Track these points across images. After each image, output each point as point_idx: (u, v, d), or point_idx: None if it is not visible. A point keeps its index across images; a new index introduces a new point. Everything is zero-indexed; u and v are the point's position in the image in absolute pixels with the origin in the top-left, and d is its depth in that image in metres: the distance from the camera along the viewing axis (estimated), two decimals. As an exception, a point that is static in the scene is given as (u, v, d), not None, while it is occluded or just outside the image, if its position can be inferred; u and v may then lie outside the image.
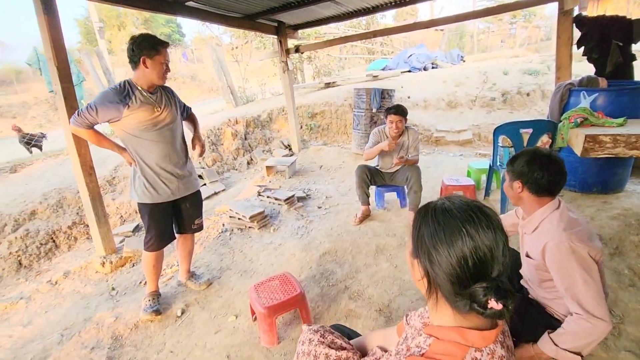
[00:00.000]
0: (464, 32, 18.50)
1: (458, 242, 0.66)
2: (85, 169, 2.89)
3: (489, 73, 7.19)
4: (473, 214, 0.68)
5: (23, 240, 3.33)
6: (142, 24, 25.03)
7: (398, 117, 3.09)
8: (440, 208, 0.72)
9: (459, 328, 0.69)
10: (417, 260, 0.74)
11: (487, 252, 0.65)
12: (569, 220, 1.31)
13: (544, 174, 1.34)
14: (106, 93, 2.02)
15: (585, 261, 1.22)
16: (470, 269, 0.65)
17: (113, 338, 2.16)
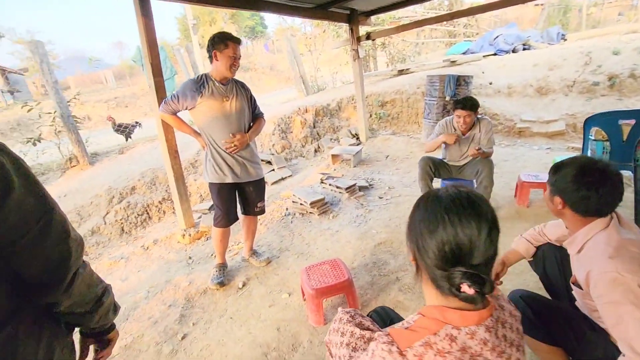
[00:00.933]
0: (569, 6, 15.98)
1: (439, 228, 0.71)
2: (171, 153, 3.32)
3: (594, 53, 6.13)
4: (459, 204, 0.72)
5: (125, 210, 3.99)
6: (229, 18, 26.94)
7: (466, 112, 2.86)
8: (433, 196, 0.77)
9: (442, 307, 0.74)
10: (409, 242, 0.80)
11: (467, 240, 0.69)
12: (618, 244, 1.09)
13: (593, 194, 1.11)
14: (185, 84, 2.29)
15: (634, 295, 1.01)
16: (448, 255, 0.70)
17: (186, 299, 2.50)
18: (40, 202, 0.67)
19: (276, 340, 2.02)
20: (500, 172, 4.20)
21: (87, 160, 5.27)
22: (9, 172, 0.62)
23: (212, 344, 2.07)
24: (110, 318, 0.91)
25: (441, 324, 0.71)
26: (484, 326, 0.71)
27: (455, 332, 0.69)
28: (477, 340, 0.70)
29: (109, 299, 0.87)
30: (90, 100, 17.07)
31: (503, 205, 3.28)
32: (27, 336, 0.68)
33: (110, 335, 0.96)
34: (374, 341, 0.74)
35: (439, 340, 0.68)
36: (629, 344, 1.03)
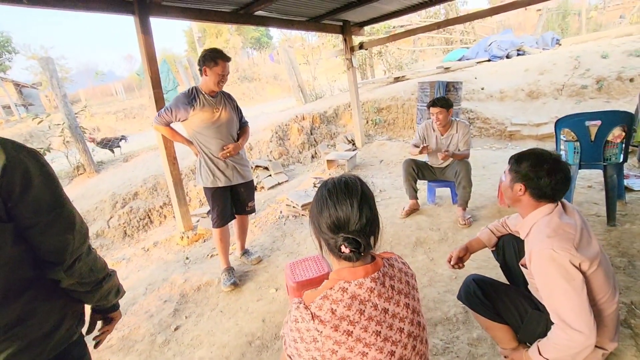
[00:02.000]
0: (567, 11, 16.06)
1: (324, 207, 0.91)
2: (170, 159, 3.52)
3: (583, 57, 6.25)
4: (338, 187, 0.92)
5: (128, 215, 4.20)
6: (235, 30, 27.53)
7: (437, 109, 3.03)
8: (324, 184, 0.97)
9: (338, 269, 0.92)
10: (310, 223, 0.98)
11: (343, 214, 0.88)
12: (557, 226, 1.23)
13: (551, 180, 1.26)
14: (178, 97, 2.49)
15: (565, 270, 1.15)
16: (332, 226, 0.89)
17: (181, 295, 2.67)
18: (53, 199, 0.85)
19: (261, 330, 2.17)
20: (488, 174, 4.33)
21: (93, 168, 5.53)
22: (31, 173, 0.81)
23: (202, 334, 2.23)
24: (111, 300, 1.06)
25: (336, 280, 0.89)
26: (369, 278, 0.88)
27: (347, 285, 0.87)
28: (364, 289, 0.87)
29: (110, 284, 1.02)
30: (100, 112, 17.58)
31: (487, 205, 3.41)
32: (44, 299, 0.88)
33: (113, 315, 1.13)
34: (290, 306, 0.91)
35: (333, 292, 0.86)
36: (557, 313, 1.18)
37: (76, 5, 2.84)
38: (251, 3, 3.85)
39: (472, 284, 1.52)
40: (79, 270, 0.90)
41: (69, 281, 0.90)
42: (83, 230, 0.92)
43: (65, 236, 0.86)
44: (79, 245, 0.89)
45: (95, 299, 0.99)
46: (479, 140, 5.70)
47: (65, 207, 0.87)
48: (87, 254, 0.93)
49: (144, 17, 3.19)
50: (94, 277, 0.95)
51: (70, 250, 0.87)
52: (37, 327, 0.86)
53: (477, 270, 2.21)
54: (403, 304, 0.91)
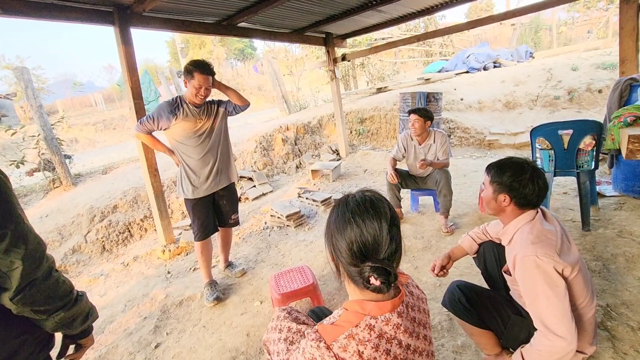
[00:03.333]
0: (539, 26, 16.87)
1: (347, 229, 0.81)
2: (151, 171, 3.45)
3: (555, 70, 6.56)
4: (363, 207, 0.83)
5: (107, 229, 4.07)
6: (219, 41, 27.51)
7: (415, 116, 3.12)
8: (344, 201, 0.87)
9: (361, 300, 0.83)
10: (327, 245, 0.89)
11: (371, 238, 0.80)
12: (539, 232, 1.26)
13: (535, 188, 1.29)
14: (161, 105, 2.45)
15: (549, 276, 1.17)
16: (357, 253, 0.80)
17: (162, 311, 2.58)
18: (1, 219, 0.78)
19: (245, 345, 2.12)
20: (469, 182, 4.43)
21: (70, 181, 5.35)
22: None
23: (183, 352, 2.16)
24: (77, 327, 0.98)
25: (361, 315, 0.80)
26: (396, 312, 0.81)
27: (373, 321, 0.79)
28: (392, 326, 0.80)
29: (75, 310, 0.94)
30: (79, 124, 17.10)
31: (468, 212, 3.48)
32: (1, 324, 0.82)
33: (82, 341, 1.05)
34: (304, 339, 0.82)
35: (360, 331, 0.78)
36: (540, 319, 1.19)
37: (54, 16, 2.79)
38: (234, 15, 3.88)
39: (456, 291, 1.53)
40: (32, 297, 0.83)
41: (18, 309, 0.82)
42: (37, 254, 0.84)
43: (10, 260, 0.79)
44: (30, 270, 0.82)
45: (55, 327, 0.91)
46: (460, 149, 5.85)
47: (13, 229, 0.80)
48: (44, 280, 0.85)
49: (124, 28, 3.16)
50: (52, 305, 0.88)
51: (17, 276, 0.80)
52: None
53: (460, 277, 2.23)
54: (422, 336, 0.86)
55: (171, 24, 3.61)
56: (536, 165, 1.34)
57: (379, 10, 4.59)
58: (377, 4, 4.28)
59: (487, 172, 1.43)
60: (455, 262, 1.75)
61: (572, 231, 2.67)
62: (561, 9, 17.60)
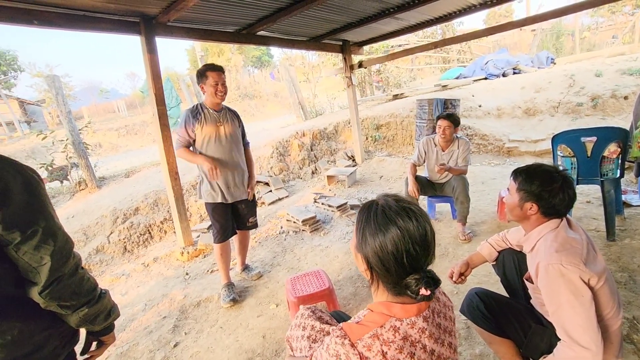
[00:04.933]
0: (561, 31, 16.50)
1: (394, 241, 0.79)
2: (172, 175, 3.56)
3: (578, 76, 6.40)
4: (405, 215, 0.81)
5: (128, 230, 4.20)
6: (237, 49, 28.13)
7: (447, 122, 3.07)
8: (381, 208, 0.84)
9: (387, 302, 0.84)
10: (361, 254, 0.86)
11: (418, 248, 0.79)
12: (564, 240, 1.23)
13: (565, 197, 1.25)
14: (184, 115, 2.52)
15: (574, 285, 1.14)
16: (405, 264, 0.79)
17: (180, 311, 2.64)
18: (31, 218, 0.83)
19: (261, 347, 2.15)
20: (487, 190, 4.36)
21: (95, 183, 5.56)
22: (10, 190, 0.81)
23: (201, 351, 2.20)
24: (99, 323, 1.01)
25: (386, 317, 0.80)
26: (422, 317, 0.81)
27: (398, 323, 0.79)
28: (417, 329, 0.80)
29: (98, 307, 0.97)
30: (102, 129, 17.75)
31: (486, 220, 3.42)
32: (25, 319, 0.87)
33: (104, 338, 1.09)
34: (328, 335, 0.83)
35: (384, 331, 0.78)
36: (564, 329, 1.16)
37: (86, 27, 2.94)
38: (254, 23, 3.98)
39: (474, 298, 1.52)
40: (59, 292, 0.87)
41: (46, 303, 0.87)
42: (65, 251, 0.88)
43: (40, 255, 0.83)
44: (58, 266, 0.86)
45: (78, 322, 0.95)
46: (478, 156, 5.77)
47: (44, 226, 0.85)
48: (71, 276, 0.90)
49: (149, 37, 3.30)
50: (77, 301, 0.92)
51: (45, 272, 0.84)
52: (17, 346, 0.84)
53: (478, 285, 2.20)
54: (447, 343, 0.86)
55: (194, 33, 3.74)
56: (567, 174, 1.30)
57: (397, 17, 4.62)
58: (395, 11, 4.31)
59: (513, 179, 1.38)
60: (473, 270, 1.73)
61: (597, 241, 2.60)
62: (584, 14, 17.21)
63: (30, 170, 0.88)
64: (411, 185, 3.16)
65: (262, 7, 3.53)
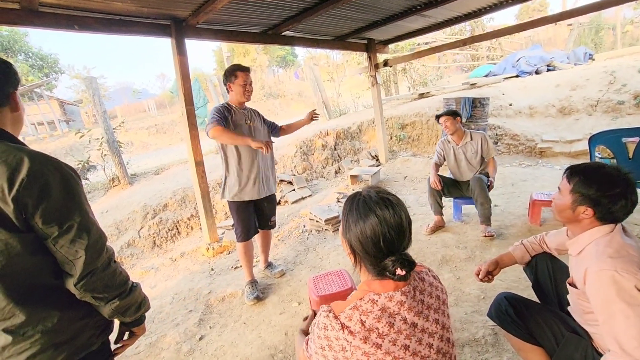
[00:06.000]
0: (600, 25, 15.61)
1: (373, 227, 0.88)
2: (199, 172, 3.66)
3: (619, 72, 6.02)
4: (383, 204, 0.90)
5: (157, 225, 4.36)
6: (262, 49, 28.57)
7: (444, 117, 3.18)
8: (362, 198, 0.93)
9: (368, 280, 0.93)
10: (346, 239, 0.95)
11: (394, 233, 0.88)
12: (619, 246, 1.13)
13: (627, 204, 1.13)
14: (216, 107, 2.57)
15: (629, 294, 1.05)
16: (382, 248, 0.88)
17: (206, 305, 2.72)
18: (67, 213, 0.87)
19: (283, 344, 2.17)
20: (517, 192, 4.19)
21: (127, 180, 5.82)
22: (50, 186, 0.85)
23: (225, 345, 2.25)
24: (130, 315, 1.05)
25: (366, 291, 0.89)
26: (400, 291, 0.88)
27: (377, 297, 0.87)
28: (395, 302, 0.87)
29: (129, 299, 1.01)
30: (134, 128, 18.55)
31: (516, 223, 3.29)
32: (63, 308, 0.92)
33: (135, 329, 1.14)
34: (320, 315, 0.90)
35: (363, 303, 0.87)
36: (616, 339, 1.08)
37: (121, 30, 3.08)
38: (279, 24, 4.02)
39: (503, 302, 1.46)
40: (92, 285, 0.91)
41: (80, 294, 0.91)
42: (98, 246, 0.92)
43: (75, 250, 0.88)
44: (91, 260, 0.90)
45: (111, 313, 0.99)
46: (508, 157, 5.55)
47: (79, 221, 0.89)
48: (104, 270, 0.93)
49: (179, 39, 3.41)
50: (109, 293, 0.96)
51: (80, 265, 0.88)
52: (57, 333, 0.89)
53: (507, 291, 2.13)
54: (432, 319, 0.90)
55: (221, 34, 3.82)
56: (630, 177, 1.17)
57: (424, 15, 4.52)
58: (422, 8, 4.22)
59: (567, 178, 1.27)
60: (502, 275, 1.68)
61: (638, 248, 2.44)
62: (627, 6, 16.16)
63: (68, 168, 0.93)
64: (433, 177, 3.24)
65: (287, 7, 3.57)
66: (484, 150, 3.19)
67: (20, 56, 20.49)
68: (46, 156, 0.89)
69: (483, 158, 3.23)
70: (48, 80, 20.44)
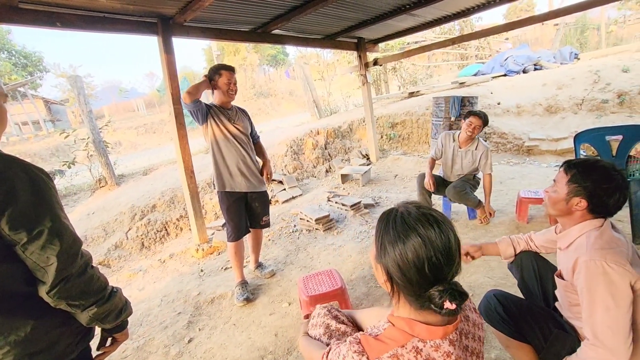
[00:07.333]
0: (586, 25, 15.91)
1: (415, 250, 0.73)
2: (188, 173, 3.61)
3: (603, 72, 6.15)
4: (426, 222, 0.75)
5: (146, 227, 4.30)
6: (252, 48, 28.39)
7: (479, 122, 3.02)
8: (400, 217, 0.79)
9: (410, 320, 0.77)
10: (381, 265, 0.81)
11: (441, 257, 0.73)
12: (610, 239, 1.16)
13: (620, 198, 1.17)
14: None
15: (615, 286, 1.07)
16: (427, 275, 0.73)
17: (195, 307, 2.68)
18: (36, 217, 0.83)
19: (273, 345, 2.15)
20: (505, 190, 4.24)
21: (114, 181, 5.72)
22: (16, 190, 0.81)
23: (214, 347, 2.23)
24: (110, 321, 1.01)
25: (409, 336, 0.75)
26: (448, 340, 0.75)
27: (421, 344, 0.74)
28: (441, 353, 0.74)
29: (108, 305, 0.97)
30: (122, 127, 18.26)
31: (504, 220, 3.33)
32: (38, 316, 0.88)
33: (116, 335, 1.10)
34: (344, 345, 0.79)
35: (405, 352, 0.73)
36: (592, 328, 1.11)
37: (106, 28, 3.02)
38: (268, 22, 3.99)
39: (492, 299, 1.47)
40: (67, 292, 0.87)
41: (54, 302, 0.87)
42: (72, 251, 0.88)
43: (46, 256, 0.83)
44: (64, 266, 0.86)
45: (89, 321, 0.95)
46: (496, 155, 5.62)
47: (50, 226, 0.84)
48: (79, 276, 0.89)
49: (166, 38, 3.35)
50: (86, 300, 0.92)
51: (52, 271, 0.84)
52: (32, 343, 0.85)
53: (495, 288, 2.15)
54: None
55: (209, 32, 3.77)
56: (624, 173, 1.24)
57: (413, 14, 4.54)
58: (411, 7, 4.24)
59: (565, 170, 1.29)
60: (490, 272, 1.69)
61: (621, 244, 2.49)
62: (611, 6, 16.51)
63: (37, 170, 0.88)
64: (427, 178, 3.18)
65: (276, 5, 3.54)
66: (481, 164, 3.17)
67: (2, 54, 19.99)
68: (12, 157, 0.85)
69: (476, 169, 3.25)
70: (32, 78, 19.97)
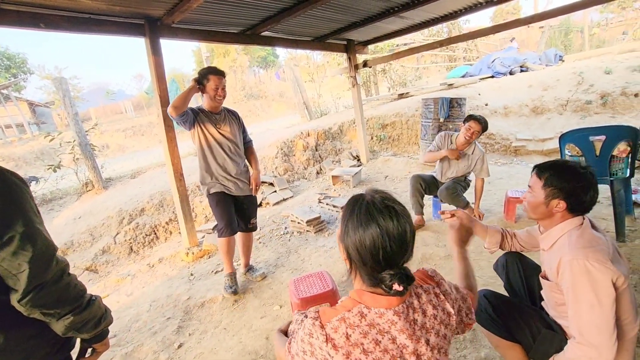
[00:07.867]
0: (570, 28, 16.26)
1: (373, 238, 0.81)
2: (177, 176, 3.57)
3: (587, 73, 6.30)
4: (387, 213, 0.82)
5: (134, 231, 4.23)
6: (242, 49, 28.24)
7: (479, 127, 3.02)
8: (365, 205, 0.85)
9: (360, 290, 0.87)
10: (343, 244, 0.89)
11: (395, 246, 0.81)
12: (591, 238, 1.19)
13: (594, 194, 1.21)
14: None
15: (598, 284, 1.09)
16: (380, 260, 0.82)
17: (185, 312, 2.65)
18: (10, 222, 0.80)
19: (264, 348, 2.14)
20: (494, 190, 4.30)
21: (101, 184, 5.61)
22: None
23: (205, 352, 2.20)
24: (88, 331, 0.97)
25: (356, 303, 0.85)
26: (392, 310, 0.82)
27: (366, 310, 0.83)
28: (385, 320, 0.82)
29: (86, 314, 0.93)
30: (110, 130, 17.96)
31: (493, 220, 3.38)
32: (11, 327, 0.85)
33: (96, 345, 1.06)
34: (307, 319, 0.86)
35: (352, 315, 0.82)
36: (578, 326, 1.13)
37: (91, 30, 2.97)
38: (258, 24, 3.98)
39: (482, 299, 1.49)
40: (41, 300, 0.83)
41: (27, 311, 0.83)
42: (45, 257, 0.84)
43: (17, 262, 0.80)
44: (37, 273, 0.82)
45: (65, 330, 0.91)
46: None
47: (22, 231, 0.81)
48: (55, 283, 0.86)
49: (154, 39, 3.31)
50: (62, 308, 0.88)
51: (24, 278, 0.81)
52: (4, 354, 0.82)
53: (484, 287, 2.18)
54: (424, 341, 0.84)
55: (198, 34, 3.74)
56: (593, 170, 1.26)
57: (401, 16, 4.58)
58: (399, 10, 4.27)
59: (537, 175, 1.32)
60: (479, 272, 1.71)
61: (606, 242, 2.54)
62: (594, 10, 16.94)
63: (9, 174, 0.85)
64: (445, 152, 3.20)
65: (265, 7, 3.53)
66: (476, 168, 3.20)
67: (-16, 56, 19.50)
68: None
69: (469, 172, 3.29)
70: (16, 80, 19.51)
